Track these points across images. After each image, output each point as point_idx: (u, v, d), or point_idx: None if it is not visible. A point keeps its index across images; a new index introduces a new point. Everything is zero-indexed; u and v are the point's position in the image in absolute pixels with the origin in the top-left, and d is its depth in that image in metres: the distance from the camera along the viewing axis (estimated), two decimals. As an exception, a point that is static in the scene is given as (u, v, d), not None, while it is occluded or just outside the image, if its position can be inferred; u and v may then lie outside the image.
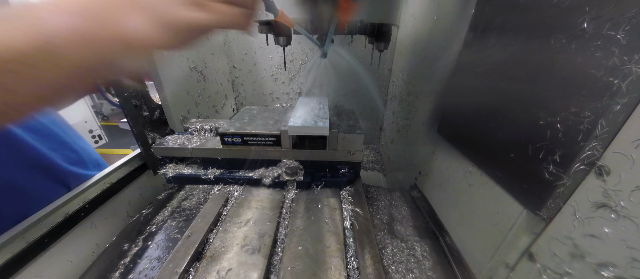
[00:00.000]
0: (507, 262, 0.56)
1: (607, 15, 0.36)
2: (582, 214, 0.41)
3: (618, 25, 0.35)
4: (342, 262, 0.62)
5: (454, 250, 0.75)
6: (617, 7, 0.35)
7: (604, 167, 0.38)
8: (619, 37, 0.35)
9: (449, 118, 0.78)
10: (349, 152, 0.83)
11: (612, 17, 0.36)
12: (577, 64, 0.41)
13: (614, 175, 0.37)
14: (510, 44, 0.55)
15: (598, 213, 0.39)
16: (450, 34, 0.80)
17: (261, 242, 0.66)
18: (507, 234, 0.56)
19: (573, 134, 0.41)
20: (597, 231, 0.39)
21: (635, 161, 0.35)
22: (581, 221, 0.41)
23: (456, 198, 0.76)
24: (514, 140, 0.53)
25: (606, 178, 0.38)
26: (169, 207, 0.95)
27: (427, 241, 0.82)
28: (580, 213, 0.41)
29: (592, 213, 0.40)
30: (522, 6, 0.51)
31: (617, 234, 0.37)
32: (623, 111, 0.35)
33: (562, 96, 0.43)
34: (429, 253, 0.78)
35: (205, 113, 1.30)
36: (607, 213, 0.38)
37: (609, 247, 0.38)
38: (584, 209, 0.41)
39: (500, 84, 0.58)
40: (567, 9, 0.42)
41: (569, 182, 0.42)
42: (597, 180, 0.39)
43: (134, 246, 0.73)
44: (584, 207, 0.41)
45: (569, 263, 0.43)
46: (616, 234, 0.37)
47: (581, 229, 0.41)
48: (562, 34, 0.43)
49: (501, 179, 0.57)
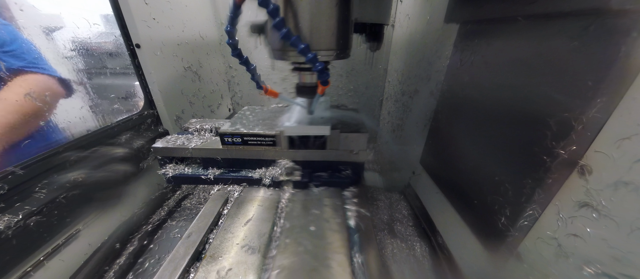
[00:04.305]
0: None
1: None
2: (565, 214, 0.41)
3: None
4: (347, 259, 0.61)
5: (445, 250, 0.75)
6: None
7: (587, 167, 0.38)
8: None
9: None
10: (352, 152, 0.82)
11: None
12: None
13: (595, 174, 0.37)
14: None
15: (580, 212, 0.39)
16: (442, 35, 0.81)
17: (260, 242, 0.66)
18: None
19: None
20: (579, 230, 0.39)
21: (616, 160, 0.35)
22: (565, 221, 0.41)
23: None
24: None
25: (588, 177, 0.38)
26: (166, 207, 0.95)
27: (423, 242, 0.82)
28: (564, 213, 0.41)
29: (575, 212, 0.40)
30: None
31: (599, 233, 0.37)
32: (603, 110, 0.35)
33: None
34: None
35: (200, 113, 1.30)
36: (589, 212, 0.38)
37: (591, 246, 0.38)
38: (567, 208, 0.41)
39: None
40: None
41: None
42: (580, 179, 0.39)
43: (129, 245, 0.73)
44: (567, 207, 0.41)
45: (554, 262, 0.43)
46: (598, 233, 0.37)
47: (565, 229, 0.41)
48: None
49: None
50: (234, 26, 0.54)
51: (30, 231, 0.64)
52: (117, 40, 0.96)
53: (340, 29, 0.53)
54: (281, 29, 0.47)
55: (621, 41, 0.32)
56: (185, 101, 1.18)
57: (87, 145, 0.80)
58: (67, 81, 0.88)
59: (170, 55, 1.07)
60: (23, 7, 0.89)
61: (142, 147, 0.97)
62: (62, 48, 1.19)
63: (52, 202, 0.69)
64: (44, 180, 0.69)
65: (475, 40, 0.63)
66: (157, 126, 1.07)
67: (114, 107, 1.21)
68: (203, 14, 1.32)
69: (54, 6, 1.23)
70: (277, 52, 0.59)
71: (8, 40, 0.76)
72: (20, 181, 0.65)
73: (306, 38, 0.52)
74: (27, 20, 1.05)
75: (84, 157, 0.79)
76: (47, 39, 1.20)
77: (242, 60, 0.62)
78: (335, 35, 0.53)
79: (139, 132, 0.99)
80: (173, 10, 1.07)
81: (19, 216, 0.61)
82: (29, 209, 0.63)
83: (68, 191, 0.72)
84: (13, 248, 0.60)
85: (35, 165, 0.68)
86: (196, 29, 1.24)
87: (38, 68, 0.79)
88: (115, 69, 1.26)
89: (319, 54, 0.52)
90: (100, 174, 0.83)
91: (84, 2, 1.14)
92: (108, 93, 1.26)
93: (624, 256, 0.34)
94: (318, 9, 0.49)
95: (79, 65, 1.28)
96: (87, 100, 1.25)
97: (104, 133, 0.86)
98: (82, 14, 1.13)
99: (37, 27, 1.11)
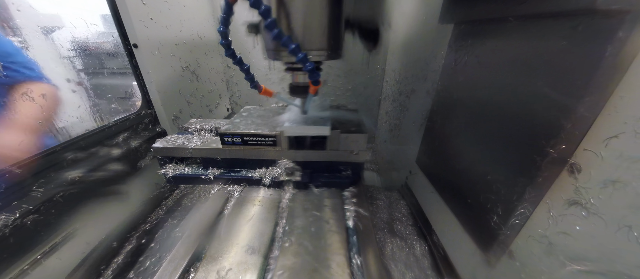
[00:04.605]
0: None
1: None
2: (555, 212, 0.41)
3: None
4: (345, 260, 0.61)
5: (440, 248, 0.76)
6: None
7: (576, 165, 0.39)
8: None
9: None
10: (352, 152, 0.82)
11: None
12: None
13: (584, 173, 0.38)
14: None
15: (570, 211, 0.39)
16: (437, 35, 0.81)
17: (261, 241, 0.66)
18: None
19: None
20: (569, 228, 0.39)
21: (604, 158, 0.35)
22: (555, 219, 0.42)
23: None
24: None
25: (578, 176, 0.38)
26: (164, 206, 0.96)
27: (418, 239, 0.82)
28: (554, 211, 0.42)
29: (564, 211, 0.40)
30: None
31: (588, 231, 0.37)
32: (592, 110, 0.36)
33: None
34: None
35: (198, 113, 1.30)
36: (578, 210, 0.38)
37: (580, 244, 0.38)
38: (557, 206, 0.41)
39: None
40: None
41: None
42: (570, 178, 0.39)
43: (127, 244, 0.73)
44: (557, 205, 0.41)
45: (545, 260, 0.43)
46: (586, 231, 0.37)
47: (555, 227, 0.42)
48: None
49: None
50: (227, 26, 0.54)
51: (28, 229, 0.64)
52: (115, 40, 0.96)
53: (332, 29, 0.53)
54: (273, 29, 0.48)
55: (608, 41, 0.33)
56: (183, 100, 1.18)
57: (84, 144, 0.81)
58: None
59: (168, 55, 1.08)
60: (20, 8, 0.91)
61: (139, 147, 0.97)
62: (61, 48, 1.19)
63: (50, 201, 0.69)
64: (41, 179, 0.69)
65: (469, 40, 0.63)
66: (154, 125, 1.07)
67: (112, 107, 1.21)
68: (201, 14, 1.32)
69: (53, 6, 1.24)
70: (271, 52, 0.60)
71: (13, 52, 0.87)
72: (17, 179, 0.65)
73: (297, 38, 0.52)
74: (25, 20, 1.05)
75: (81, 157, 0.79)
76: (46, 39, 1.21)
77: (235, 60, 0.62)
78: (327, 35, 0.53)
79: (137, 132, 0.99)
80: (171, 10, 1.07)
81: (16, 215, 0.62)
82: (26, 208, 0.64)
83: (65, 190, 0.73)
84: (10, 246, 0.61)
85: (32, 164, 0.68)
86: (194, 29, 1.25)
87: (44, 78, 0.91)
88: (112, 68, 1.27)
89: (310, 54, 0.53)
90: (98, 173, 0.83)
91: (84, 3, 1.14)
92: (106, 93, 1.27)
93: (612, 253, 0.34)
94: (309, 9, 0.49)
95: (78, 66, 1.29)
96: (85, 100, 1.25)
97: (102, 133, 0.87)
98: (81, 14, 1.14)
99: (36, 27, 1.12)
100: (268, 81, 1.61)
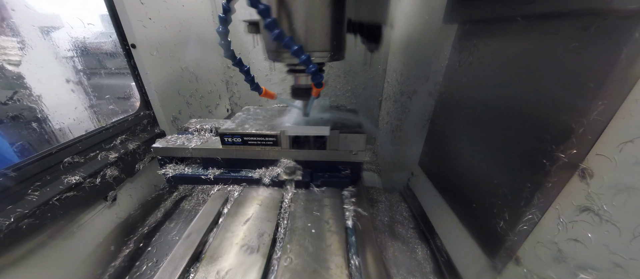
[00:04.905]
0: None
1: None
2: (565, 218, 0.40)
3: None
4: (344, 260, 0.60)
5: (443, 252, 0.74)
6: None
7: (588, 170, 0.37)
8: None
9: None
10: (351, 152, 0.82)
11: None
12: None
13: (597, 178, 0.36)
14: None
15: (581, 217, 0.38)
16: (439, 36, 0.80)
17: (260, 241, 0.65)
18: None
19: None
20: (580, 235, 0.38)
21: (618, 163, 0.34)
22: (565, 225, 0.40)
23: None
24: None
25: (589, 181, 0.37)
26: (162, 208, 0.94)
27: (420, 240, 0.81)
28: (564, 217, 0.40)
29: (575, 217, 0.39)
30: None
31: (600, 238, 0.36)
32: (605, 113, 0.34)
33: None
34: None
35: (198, 113, 1.29)
36: (590, 217, 0.37)
37: (592, 252, 0.37)
38: (567, 212, 0.40)
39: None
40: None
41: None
42: (581, 183, 0.38)
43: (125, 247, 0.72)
44: (567, 211, 0.40)
45: (554, 267, 0.42)
46: (599, 238, 0.36)
47: (565, 233, 0.40)
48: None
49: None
50: (226, 26, 0.53)
51: (23, 233, 0.63)
52: (114, 40, 0.95)
53: (334, 29, 0.52)
54: (273, 29, 0.46)
55: (623, 42, 0.31)
56: (183, 101, 1.17)
57: (81, 147, 0.79)
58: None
59: (167, 55, 1.06)
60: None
61: (138, 149, 0.96)
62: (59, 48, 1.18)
63: (46, 204, 0.68)
64: (37, 182, 0.68)
65: (474, 40, 0.62)
66: (153, 126, 1.06)
67: (110, 108, 1.20)
68: (200, 14, 1.31)
69: (53, 6, 1.22)
70: (271, 53, 0.58)
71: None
72: (12, 182, 0.64)
73: (299, 39, 0.51)
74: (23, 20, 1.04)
75: (78, 159, 0.78)
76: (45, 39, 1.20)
77: (235, 62, 0.61)
78: (329, 36, 0.52)
79: (135, 133, 0.98)
80: (169, 10, 1.06)
81: (11, 219, 0.60)
82: (22, 212, 0.62)
83: (62, 193, 0.71)
84: (5, 251, 0.60)
85: (28, 167, 0.67)
86: (193, 29, 1.23)
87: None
88: (110, 69, 1.25)
89: (312, 55, 0.51)
90: (95, 176, 0.82)
91: (84, 3, 1.13)
92: (104, 93, 1.25)
93: (625, 262, 0.33)
94: (311, 9, 0.48)
95: (78, 66, 1.28)
96: (84, 100, 1.24)
97: (99, 134, 0.85)
98: (80, 14, 1.13)
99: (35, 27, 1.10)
100: (269, 82, 1.60)
